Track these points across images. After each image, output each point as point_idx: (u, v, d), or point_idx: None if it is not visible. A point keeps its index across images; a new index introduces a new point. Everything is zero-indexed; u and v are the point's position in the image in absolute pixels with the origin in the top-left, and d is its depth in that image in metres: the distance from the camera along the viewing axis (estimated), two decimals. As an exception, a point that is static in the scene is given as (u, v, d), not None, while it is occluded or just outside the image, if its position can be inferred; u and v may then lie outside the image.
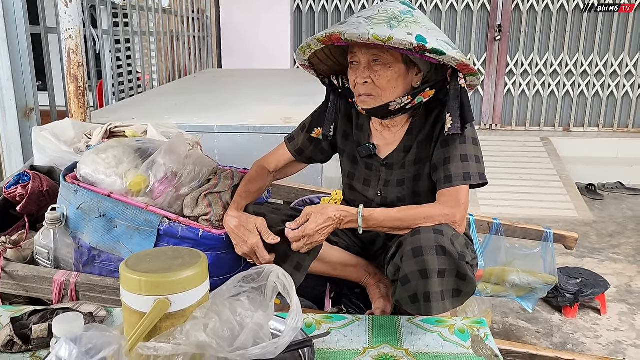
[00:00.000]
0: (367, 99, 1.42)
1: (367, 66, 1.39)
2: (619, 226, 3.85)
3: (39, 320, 1.25)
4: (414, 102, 1.43)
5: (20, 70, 2.33)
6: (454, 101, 1.36)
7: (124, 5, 3.53)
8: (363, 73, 1.39)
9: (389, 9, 1.34)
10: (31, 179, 1.75)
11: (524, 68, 5.48)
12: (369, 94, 1.41)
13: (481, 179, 1.41)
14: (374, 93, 1.41)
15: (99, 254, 1.55)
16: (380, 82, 1.39)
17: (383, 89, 1.40)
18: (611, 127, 5.51)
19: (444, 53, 1.27)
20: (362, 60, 1.39)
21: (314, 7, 5.57)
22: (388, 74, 1.38)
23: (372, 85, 1.40)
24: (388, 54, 1.36)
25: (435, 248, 1.26)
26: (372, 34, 1.25)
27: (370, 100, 1.42)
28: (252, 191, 1.59)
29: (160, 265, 0.96)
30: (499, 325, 2.47)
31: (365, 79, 1.39)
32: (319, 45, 1.40)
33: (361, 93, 1.42)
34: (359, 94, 1.43)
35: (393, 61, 1.37)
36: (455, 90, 1.37)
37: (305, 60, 1.51)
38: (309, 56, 1.48)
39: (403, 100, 1.42)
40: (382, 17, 1.30)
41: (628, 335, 2.40)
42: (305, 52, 1.46)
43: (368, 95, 1.41)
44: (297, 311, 0.99)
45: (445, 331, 1.30)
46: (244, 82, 4.31)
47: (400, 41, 1.25)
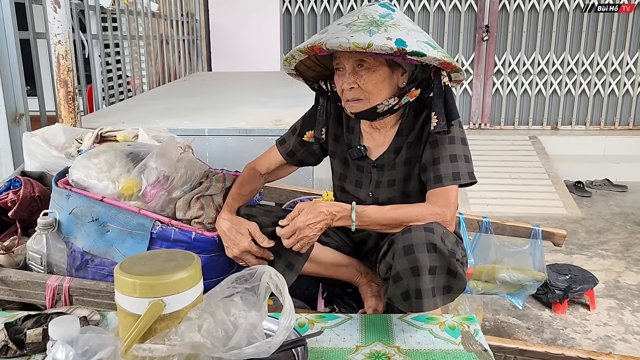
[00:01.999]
0: (355, 104, 1.44)
1: (352, 72, 1.41)
2: (607, 223, 3.90)
3: (33, 325, 1.25)
4: (400, 102, 1.45)
5: (9, 76, 2.33)
6: (438, 99, 1.38)
7: (112, 9, 3.53)
8: (348, 79, 1.41)
9: (369, 14, 1.35)
10: (22, 184, 1.75)
11: (512, 67, 5.54)
12: (357, 98, 1.43)
13: (470, 178, 1.43)
14: (361, 97, 1.42)
15: (92, 258, 1.55)
16: (366, 86, 1.40)
17: (370, 92, 1.41)
18: (598, 125, 5.58)
19: (424, 54, 1.29)
20: (347, 66, 1.41)
21: (302, 9, 5.60)
22: (373, 78, 1.40)
23: (359, 90, 1.41)
24: (371, 58, 1.38)
25: (426, 245, 1.28)
26: (351, 42, 1.27)
27: (358, 104, 1.44)
28: (244, 194, 1.61)
29: (154, 268, 0.98)
30: (490, 323, 2.50)
31: (351, 84, 1.41)
32: (302, 55, 1.42)
33: (349, 98, 1.44)
34: (346, 99, 1.45)
35: (377, 65, 1.39)
36: (438, 89, 1.38)
37: (292, 69, 1.53)
38: (295, 65, 1.50)
39: (390, 102, 1.44)
40: (361, 22, 1.32)
41: (617, 330, 2.44)
42: (290, 63, 1.48)
43: (356, 100, 1.43)
44: (290, 310, 1.01)
45: (436, 328, 1.32)
46: (233, 85, 4.32)
47: (380, 47, 1.27)
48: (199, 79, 4.74)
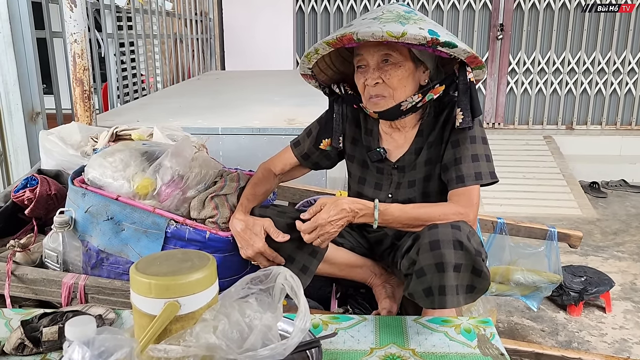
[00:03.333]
0: (379, 101, 1.42)
1: (377, 67, 1.39)
2: (623, 224, 3.85)
3: (49, 322, 1.26)
4: (424, 99, 1.43)
5: (26, 74, 2.35)
6: (464, 95, 1.38)
7: (127, 8, 3.55)
8: (373, 74, 1.39)
9: (393, 10, 1.35)
10: (39, 182, 1.77)
11: (526, 67, 5.49)
12: (381, 94, 1.41)
13: (492, 178, 1.42)
14: (385, 94, 1.41)
15: (107, 256, 1.56)
16: (391, 81, 1.39)
17: (394, 88, 1.40)
18: (614, 124, 5.51)
19: (455, 45, 1.29)
20: (371, 62, 1.39)
21: (316, 8, 5.59)
22: (399, 73, 1.39)
23: (384, 86, 1.40)
24: (397, 53, 1.37)
25: (452, 242, 1.26)
26: (385, 31, 1.26)
27: (382, 101, 1.42)
28: (259, 194, 1.61)
29: (169, 268, 0.98)
30: (504, 324, 2.48)
31: (376, 79, 1.39)
32: (327, 49, 1.39)
33: (372, 95, 1.42)
34: (370, 96, 1.43)
35: (402, 59, 1.38)
36: (464, 84, 1.38)
37: (309, 68, 1.50)
38: (313, 63, 1.47)
39: (414, 99, 1.42)
40: (388, 16, 1.32)
41: (633, 333, 2.41)
42: (311, 59, 1.45)
43: (380, 97, 1.42)
44: (305, 312, 1.00)
45: (451, 331, 1.31)
46: (247, 84, 4.33)
47: (414, 36, 1.26)
48: (212, 78, 4.75)
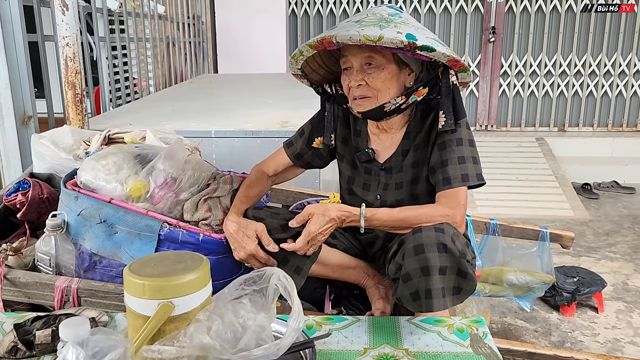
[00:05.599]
0: (362, 102, 1.44)
1: (360, 69, 1.41)
2: (614, 225, 3.88)
3: (42, 326, 1.26)
4: (408, 101, 1.45)
5: (18, 78, 2.34)
6: (446, 98, 1.39)
7: (119, 12, 3.55)
8: (356, 76, 1.41)
9: (377, 12, 1.37)
10: (31, 186, 1.76)
11: (518, 69, 5.52)
12: (364, 95, 1.43)
13: (479, 180, 1.43)
14: (369, 94, 1.42)
15: (100, 259, 1.56)
16: (374, 83, 1.41)
17: (378, 90, 1.41)
18: (605, 126, 5.55)
19: (434, 49, 1.30)
20: (355, 64, 1.41)
21: (308, 11, 5.60)
22: (382, 75, 1.40)
23: (367, 87, 1.41)
24: (380, 55, 1.39)
25: (436, 245, 1.27)
26: (362, 35, 1.28)
27: (365, 102, 1.44)
28: (252, 195, 1.61)
29: (163, 270, 0.98)
30: (497, 325, 2.49)
31: (359, 81, 1.41)
32: (310, 51, 1.42)
33: (356, 96, 1.44)
34: (354, 97, 1.45)
35: (385, 62, 1.40)
36: (447, 87, 1.39)
37: (298, 68, 1.52)
38: (301, 65, 1.50)
39: (397, 101, 1.43)
40: (370, 19, 1.34)
41: (625, 333, 2.42)
42: (297, 60, 1.48)
43: (363, 98, 1.43)
44: (299, 312, 1.00)
45: (444, 330, 1.32)
46: (240, 87, 4.33)
47: (390, 40, 1.28)
48: (205, 81, 4.75)
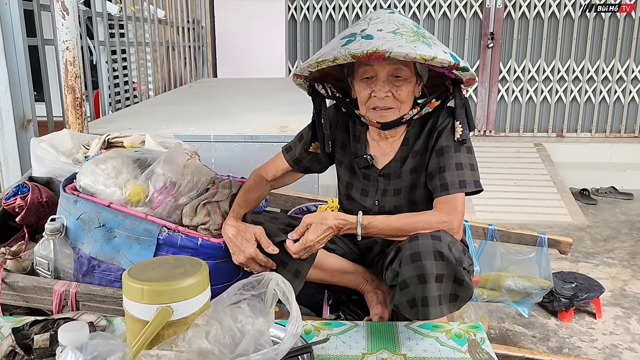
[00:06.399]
0: (386, 113, 1.44)
1: (387, 80, 1.41)
2: (612, 230, 3.89)
3: (40, 330, 1.26)
4: (421, 112, 1.48)
5: (17, 82, 2.35)
6: (461, 110, 1.43)
7: (120, 16, 3.56)
8: (383, 87, 1.41)
9: (401, 22, 1.37)
10: (30, 190, 1.76)
11: (517, 75, 5.54)
12: (389, 107, 1.44)
13: (476, 186, 1.44)
14: (394, 105, 1.44)
15: (99, 263, 1.56)
16: (401, 95, 1.42)
17: (402, 101, 1.44)
18: (604, 132, 5.56)
19: (468, 69, 1.36)
20: (382, 75, 1.41)
21: (308, 16, 5.62)
22: (408, 88, 1.43)
23: (392, 99, 1.43)
24: (407, 68, 1.41)
25: (433, 253, 1.28)
26: (418, 54, 1.28)
27: (389, 113, 1.44)
28: (251, 200, 1.61)
29: (162, 274, 0.98)
30: (495, 331, 2.49)
31: (387, 93, 1.42)
32: (348, 59, 1.34)
33: (380, 107, 1.44)
34: (375, 107, 1.44)
35: (411, 75, 1.42)
36: (460, 100, 1.44)
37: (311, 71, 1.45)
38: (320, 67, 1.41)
39: (413, 112, 1.47)
40: (407, 32, 1.33)
41: (623, 339, 2.42)
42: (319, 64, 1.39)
43: (388, 109, 1.44)
44: (297, 317, 1.01)
45: (442, 336, 1.32)
46: (239, 91, 4.34)
47: (441, 61, 1.31)
48: (204, 85, 4.76)
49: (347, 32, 1.40)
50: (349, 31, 1.40)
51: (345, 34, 1.40)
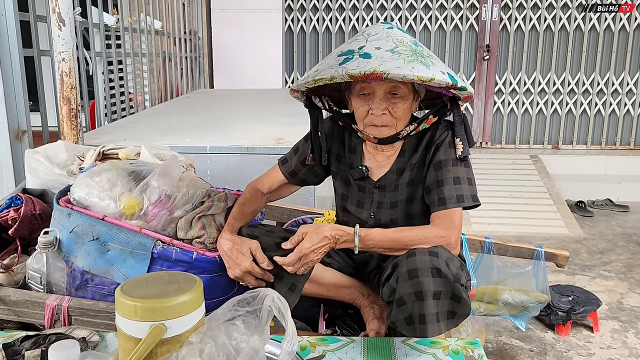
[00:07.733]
0: (383, 129, 1.45)
1: (384, 97, 1.42)
2: (609, 243, 3.88)
3: (31, 345, 1.24)
4: (418, 128, 1.49)
5: (12, 93, 2.33)
6: (460, 126, 1.44)
7: (116, 27, 3.56)
8: (380, 104, 1.42)
9: (400, 39, 1.36)
10: (24, 202, 1.75)
11: (513, 87, 5.56)
12: (386, 124, 1.44)
13: (474, 201, 1.43)
14: (390, 123, 1.44)
15: (92, 277, 1.54)
16: (397, 113, 1.43)
17: (399, 118, 1.44)
18: (599, 144, 5.58)
19: (466, 89, 1.36)
20: (379, 92, 1.41)
21: (305, 28, 5.64)
22: (405, 105, 1.43)
23: (389, 116, 1.43)
24: (405, 87, 1.41)
25: (430, 270, 1.27)
26: (416, 75, 1.29)
27: (386, 130, 1.45)
28: (246, 213, 1.60)
29: (155, 291, 0.96)
30: (492, 344, 2.47)
31: (383, 110, 1.42)
32: (345, 79, 1.35)
33: (378, 124, 1.44)
34: (373, 124, 1.45)
35: (408, 92, 1.43)
36: (459, 117, 1.44)
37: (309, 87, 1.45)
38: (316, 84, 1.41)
39: (410, 128, 1.47)
40: (405, 51, 1.33)
41: (621, 353, 2.41)
42: (316, 82, 1.39)
43: (385, 126, 1.45)
44: (293, 335, 0.99)
45: (439, 352, 1.30)
46: (236, 102, 4.34)
47: (439, 81, 1.31)
48: (201, 96, 4.76)
49: (344, 48, 1.39)
50: (346, 47, 1.39)
51: (343, 50, 1.39)
